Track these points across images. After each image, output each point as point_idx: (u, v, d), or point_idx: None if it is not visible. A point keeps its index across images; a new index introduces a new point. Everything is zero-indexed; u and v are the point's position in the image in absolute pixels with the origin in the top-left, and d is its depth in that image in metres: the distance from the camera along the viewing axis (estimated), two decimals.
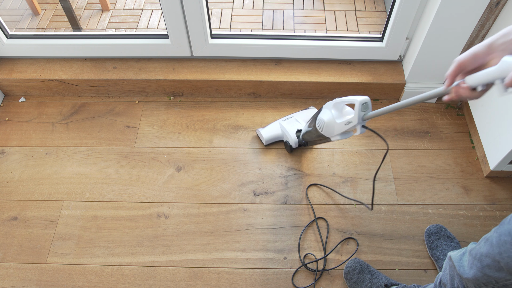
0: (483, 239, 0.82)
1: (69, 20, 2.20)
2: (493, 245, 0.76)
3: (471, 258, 0.83)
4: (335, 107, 1.19)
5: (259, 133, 1.59)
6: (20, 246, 1.39)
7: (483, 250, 0.79)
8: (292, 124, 1.57)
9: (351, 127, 1.13)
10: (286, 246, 1.37)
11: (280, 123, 1.60)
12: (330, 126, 1.19)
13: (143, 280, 1.31)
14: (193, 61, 1.74)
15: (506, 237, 0.72)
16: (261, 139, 1.59)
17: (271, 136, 1.58)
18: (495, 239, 0.76)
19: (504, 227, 0.74)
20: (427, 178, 1.52)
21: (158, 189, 1.51)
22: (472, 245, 0.87)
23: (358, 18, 2.28)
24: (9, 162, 1.59)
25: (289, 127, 1.56)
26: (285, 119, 1.60)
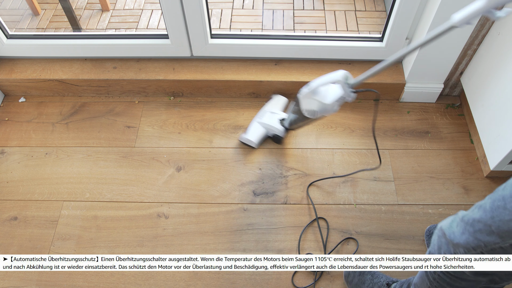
0: (476, 206, 0.83)
1: (69, 20, 2.20)
2: (486, 210, 0.78)
3: (463, 224, 0.84)
4: (317, 93, 1.20)
5: (245, 140, 1.58)
6: (20, 246, 1.39)
7: (476, 216, 0.81)
8: (271, 117, 1.57)
9: (343, 100, 1.19)
10: (286, 246, 1.37)
11: (258, 122, 1.59)
12: (324, 110, 1.23)
13: (143, 280, 1.31)
14: (193, 61, 1.74)
15: (499, 202, 0.75)
16: (250, 143, 1.58)
17: (258, 137, 1.57)
18: (488, 205, 0.78)
19: (498, 193, 0.76)
20: (427, 178, 1.52)
21: (158, 189, 1.51)
22: (463, 212, 0.89)
23: (358, 18, 2.28)
24: (9, 162, 1.59)
25: (271, 121, 1.56)
26: (261, 116, 1.60)
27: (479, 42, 1.49)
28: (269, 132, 1.57)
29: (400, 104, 1.73)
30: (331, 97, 1.18)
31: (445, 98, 1.74)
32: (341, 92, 1.17)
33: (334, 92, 1.19)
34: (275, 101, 1.67)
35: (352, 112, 1.71)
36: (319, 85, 1.19)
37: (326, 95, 1.20)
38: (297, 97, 1.31)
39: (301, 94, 1.27)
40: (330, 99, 1.18)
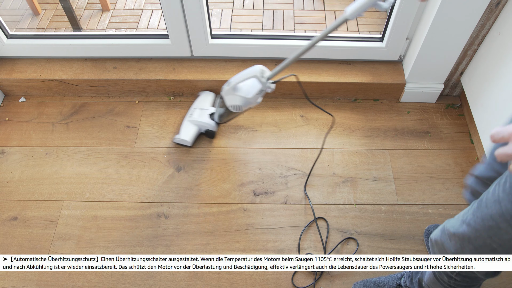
0: (462, 222, 0.82)
1: (69, 20, 2.20)
2: (478, 230, 0.77)
3: (459, 241, 0.83)
4: (238, 89, 1.30)
5: (178, 140, 1.59)
6: (20, 246, 1.39)
7: (471, 235, 0.80)
8: (201, 114, 1.60)
9: (263, 92, 1.30)
10: (286, 246, 1.37)
11: (189, 120, 1.61)
12: (247, 103, 1.32)
13: (143, 280, 1.31)
14: (193, 61, 1.74)
15: (490, 222, 0.73)
16: (184, 143, 1.59)
17: (191, 135, 1.58)
18: (478, 224, 0.77)
19: (483, 211, 0.75)
20: (427, 178, 1.52)
21: (158, 189, 1.51)
22: (449, 223, 0.88)
23: (358, 18, 2.28)
24: (9, 162, 1.59)
25: (201, 118, 1.58)
26: (191, 114, 1.62)
27: (479, 42, 1.49)
28: (201, 129, 1.60)
29: (400, 104, 1.73)
30: (251, 91, 1.28)
31: (445, 98, 1.74)
32: (260, 85, 1.27)
33: (253, 86, 1.29)
34: (203, 98, 1.69)
35: (352, 112, 1.71)
36: (238, 82, 1.28)
37: (247, 89, 1.29)
38: (221, 94, 1.38)
39: (223, 91, 1.34)
40: (251, 93, 1.28)
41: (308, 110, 1.72)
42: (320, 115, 1.70)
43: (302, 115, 1.70)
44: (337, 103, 1.74)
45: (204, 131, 1.60)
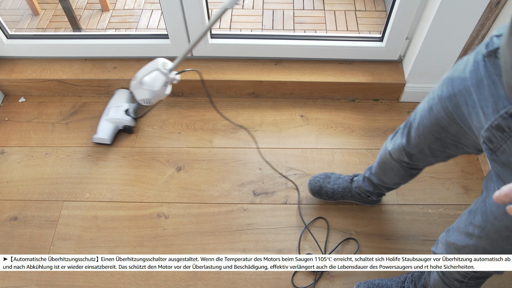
0: (470, 236, 0.82)
1: (69, 20, 2.20)
2: (495, 240, 0.76)
3: (472, 251, 0.83)
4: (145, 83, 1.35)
5: (97, 140, 1.60)
6: (20, 246, 1.39)
7: (486, 246, 0.79)
8: (116, 111, 1.62)
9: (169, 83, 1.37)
10: (286, 246, 1.37)
11: (105, 119, 1.62)
12: (156, 96, 1.38)
13: (143, 280, 1.31)
14: (193, 61, 1.74)
15: (508, 233, 0.73)
16: (103, 141, 1.60)
17: (109, 133, 1.60)
18: (494, 236, 0.76)
19: (495, 224, 0.74)
20: (427, 178, 1.52)
21: (158, 189, 1.51)
22: (451, 237, 0.88)
23: (358, 18, 2.28)
24: (9, 162, 1.59)
25: (117, 115, 1.61)
26: (107, 113, 1.64)
27: (479, 41, 1.49)
28: (119, 125, 1.62)
29: (400, 104, 1.73)
30: (157, 83, 1.34)
31: None
32: (164, 77, 1.33)
33: (158, 78, 1.34)
34: (118, 96, 1.71)
35: (352, 112, 1.71)
36: (143, 76, 1.34)
37: (153, 83, 1.35)
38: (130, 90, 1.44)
39: (131, 87, 1.38)
40: (157, 85, 1.34)
41: (308, 110, 1.72)
42: (320, 115, 1.70)
43: (302, 115, 1.70)
44: (337, 103, 1.74)
45: (122, 127, 1.63)
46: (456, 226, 0.87)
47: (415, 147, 0.95)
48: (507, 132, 0.64)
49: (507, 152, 0.65)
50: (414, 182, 1.50)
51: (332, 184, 1.41)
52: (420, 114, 0.90)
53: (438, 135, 0.86)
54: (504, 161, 0.67)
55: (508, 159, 0.66)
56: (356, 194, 1.39)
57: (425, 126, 0.88)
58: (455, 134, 0.82)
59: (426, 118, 0.87)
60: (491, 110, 0.67)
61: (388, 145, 1.09)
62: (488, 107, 0.67)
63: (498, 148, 0.66)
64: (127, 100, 1.68)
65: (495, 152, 0.68)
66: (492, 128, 0.66)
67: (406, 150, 0.99)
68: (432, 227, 1.41)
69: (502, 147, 0.65)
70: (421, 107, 0.91)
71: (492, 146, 0.68)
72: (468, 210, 0.84)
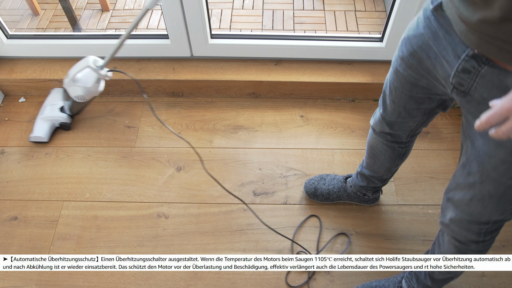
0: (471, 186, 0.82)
1: (69, 20, 2.20)
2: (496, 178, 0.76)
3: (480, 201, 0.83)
4: (77, 80, 1.40)
5: (33, 138, 1.62)
6: (20, 246, 1.39)
7: (491, 189, 0.79)
8: (52, 109, 1.65)
9: (101, 79, 1.43)
10: (286, 246, 1.37)
11: (41, 118, 1.64)
12: (89, 92, 1.43)
13: (143, 280, 1.31)
14: (193, 61, 1.74)
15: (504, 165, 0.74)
16: (40, 140, 1.62)
17: (45, 131, 1.62)
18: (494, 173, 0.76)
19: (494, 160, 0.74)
20: (427, 178, 1.52)
21: (158, 189, 1.51)
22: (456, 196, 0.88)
23: (358, 18, 2.28)
24: (9, 162, 1.59)
25: (52, 113, 1.63)
26: (43, 112, 1.65)
27: None
28: (55, 123, 1.64)
29: None
30: (89, 80, 1.40)
31: None
32: (96, 74, 1.39)
33: (90, 75, 1.40)
34: (53, 94, 1.72)
35: (352, 112, 1.71)
36: (75, 73, 1.39)
37: (85, 79, 1.40)
38: (64, 87, 1.47)
39: (65, 84, 1.42)
40: (90, 82, 1.40)
41: (308, 110, 1.72)
42: (320, 115, 1.70)
43: (302, 115, 1.70)
44: (337, 103, 1.74)
45: (58, 124, 1.64)
46: (455, 185, 0.87)
47: (392, 113, 0.99)
48: (473, 72, 0.69)
49: (479, 90, 0.70)
50: (414, 183, 1.51)
51: (327, 185, 1.42)
52: (389, 80, 0.94)
53: (409, 93, 0.90)
54: (478, 99, 0.71)
55: (482, 96, 0.70)
56: (352, 194, 1.39)
57: (396, 88, 0.92)
58: (425, 86, 0.86)
59: (395, 80, 0.91)
60: (452, 57, 0.72)
61: (371, 122, 1.13)
62: (449, 55, 0.73)
63: (469, 89, 0.71)
64: (62, 98, 1.69)
65: (468, 93, 0.72)
66: (458, 73, 0.71)
67: (386, 119, 1.02)
68: (432, 227, 1.41)
69: (473, 86, 0.70)
70: (388, 74, 0.95)
71: (463, 89, 0.72)
72: (460, 165, 0.84)
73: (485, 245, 0.94)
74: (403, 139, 1.09)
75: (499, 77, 0.66)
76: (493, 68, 0.66)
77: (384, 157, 1.16)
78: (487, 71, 0.67)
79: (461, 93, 0.73)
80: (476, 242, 0.93)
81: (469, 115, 0.76)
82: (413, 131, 1.04)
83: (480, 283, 1.30)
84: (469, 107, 0.74)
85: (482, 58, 0.67)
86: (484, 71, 0.67)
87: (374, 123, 1.10)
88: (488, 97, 0.69)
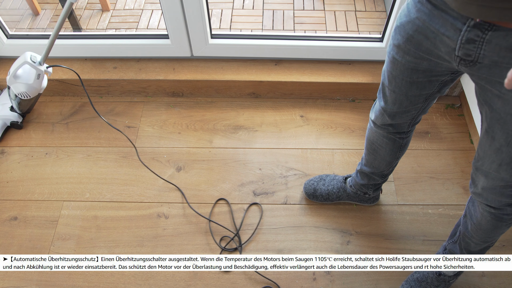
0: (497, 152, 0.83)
1: (69, 20, 2.20)
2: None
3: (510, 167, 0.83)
4: (18, 77, 1.40)
5: None
6: (20, 246, 1.39)
7: None
8: (1, 110, 1.64)
9: (42, 75, 1.42)
10: (286, 246, 1.37)
11: None
12: (32, 89, 1.42)
13: (143, 280, 1.31)
14: (193, 61, 1.74)
15: None
16: None
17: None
18: None
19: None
20: (427, 178, 1.52)
21: (158, 189, 1.51)
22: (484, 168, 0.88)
23: (358, 18, 2.28)
24: (9, 162, 1.59)
25: (2, 113, 1.63)
26: None
27: None
28: (6, 122, 1.65)
29: None
30: (30, 77, 1.40)
31: (445, 98, 1.74)
32: (35, 70, 1.39)
33: (30, 72, 1.40)
34: (3, 95, 1.72)
35: (352, 112, 1.71)
36: (15, 70, 1.38)
37: (26, 76, 1.40)
38: (7, 85, 1.47)
39: (8, 82, 1.42)
40: (31, 78, 1.40)
41: (308, 110, 1.72)
42: (320, 115, 1.70)
43: (302, 115, 1.70)
44: (337, 103, 1.74)
45: (9, 123, 1.65)
46: (482, 154, 0.88)
47: (394, 104, 0.99)
48: (478, 40, 0.70)
49: (488, 55, 0.71)
50: (414, 183, 1.51)
51: (326, 185, 1.42)
52: (387, 70, 0.94)
53: (410, 79, 0.90)
54: (489, 64, 0.72)
55: (492, 60, 0.71)
56: (352, 194, 1.39)
57: (396, 77, 0.92)
58: (427, 69, 0.86)
59: (394, 69, 0.91)
60: (452, 32, 0.73)
61: (371, 117, 1.12)
62: (449, 31, 0.74)
63: (477, 57, 0.72)
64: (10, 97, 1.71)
65: (477, 62, 0.73)
66: (463, 44, 0.72)
67: (387, 110, 1.02)
68: (432, 227, 1.41)
69: (481, 54, 0.71)
70: (385, 65, 0.95)
71: (471, 59, 0.73)
72: (483, 133, 0.85)
73: None
74: (404, 129, 1.09)
75: (505, 38, 0.67)
76: (498, 31, 0.67)
77: (385, 150, 1.16)
78: (492, 36, 0.68)
79: (470, 63, 0.74)
80: (510, 204, 0.93)
81: (481, 82, 0.76)
82: (414, 119, 1.05)
83: (480, 283, 1.30)
84: (480, 74, 0.75)
85: (484, 25, 0.68)
86: (489, 37, 0.68)
87: (374, 117, 1.10)
88: (498, 59, 0.70)
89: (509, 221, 0.97)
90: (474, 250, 1.11)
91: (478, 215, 1.01)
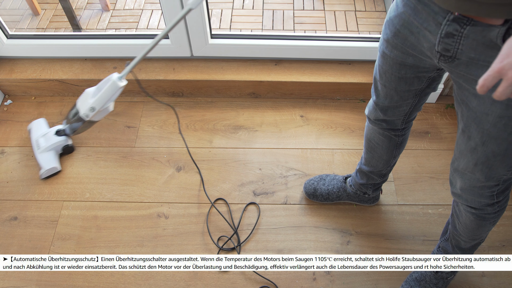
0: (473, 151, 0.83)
1: (69, 20, 2.20)
2: (497, 136, 0.77)
3: (485, 164, 0.84)
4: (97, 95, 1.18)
5: (46, 173, 1.51)
6: (20, 246, 1.39)
7: (495, 149, 0.80)
8: (47, 139, 1.54)
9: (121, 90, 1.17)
10: (286, 246, 1.37)
11: (41, 151, 1.53)
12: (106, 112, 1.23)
13: (143, 280, 1.31)
14: (193, 61, 1.74)
15: (503, 121, 0.74)
16: (53, 171, 1.53)
17: (54, 161, 1.53)
18: (494, 130, 0.77)
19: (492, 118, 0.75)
20: (427, 178, 1.52)
21: (158, 189, 1.51)
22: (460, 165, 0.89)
23: (358, 18, 2.28)
24: (9, 162, 1.59)
25: (50, 141, 1.53)
26: (38, 146, 1.54)
27: None
28: (58, 149, 1.56)
29: None
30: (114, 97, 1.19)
31: (445, 98, 1.74)
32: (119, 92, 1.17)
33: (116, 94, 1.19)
34: (36, 127, 1.61)
35: (352, 112, 1.71)
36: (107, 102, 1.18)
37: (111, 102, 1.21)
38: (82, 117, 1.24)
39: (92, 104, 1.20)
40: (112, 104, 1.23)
41: (308, 110, 1.72)
42: (320, 115, 1.70)
43: (302, 115, 1.70)
44: (337, 103, 1.74)
45: (61, 150, 1.57)
46: (458, 154, 0.89)
47: (385, 98, 1.00)
48: (456, 34, 0.70)
49: (465, 51, 0.71)
50: (414, 183, 1.51)
51: (326, 185, 1.42)
52: (378, 64, 0.96)
53: (398, 74, 0.91)
54: (466, 61, 0.72)
55: (469, 56, 0.71)
56: (352, 193, 1.40)
57: (386, 72, 0.93)
58: (413, 64, 0.87)
59: (384, 63, 0.93)
60: (434, 26, 0.74)
61: (366, 112, 1.14)
62: (431, 25, 0.75)
63: (456, 52, 0.73)
64: (47, 126, 1.61)
65: (455, 57, 0.73)
66: (442, 38, 0.73)
67: (379, 105, 1.03)
68: (432, 227, 1.41)
69: (459, 49, 0.72)
70: (377, 60, 0.97)
71: (450, 54, 0.74)
72: (460, 132, 0.86)
73: (500, 205, 0.96)
74: (398, 126, 1.09)
75: (482, 33, 0.67)
76: (476, 26, 0.67)
77: (382, 148, 1.17)
78: (469, 31, 0.68)
79: (448, 58, 0.75)
80: (491, 205, 0.94)
81: (459, 80, 0.77)
82: (407, 115, 1.05)
83: (480, 283, 1.30)
84: (459, 71, 0.75)
85: (463, 20, 0.68)
86: (467, 32, 0.69)
87: (368, 112, 1.11)
88: (475, 55, 0.70)
89: (492, 219, 0.98)
90: (465, 247, 1.12)
91: (463, 215, 1.02)
